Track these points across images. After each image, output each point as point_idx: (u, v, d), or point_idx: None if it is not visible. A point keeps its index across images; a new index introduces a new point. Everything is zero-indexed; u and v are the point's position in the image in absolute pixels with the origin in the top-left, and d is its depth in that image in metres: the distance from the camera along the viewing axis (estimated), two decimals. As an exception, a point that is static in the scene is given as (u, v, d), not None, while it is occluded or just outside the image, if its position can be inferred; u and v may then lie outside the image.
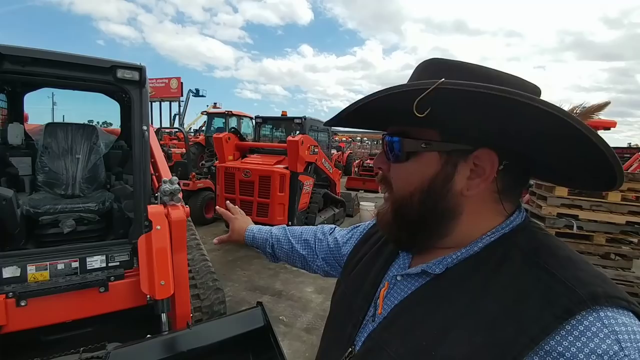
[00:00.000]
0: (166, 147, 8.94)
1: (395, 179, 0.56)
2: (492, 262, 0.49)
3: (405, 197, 0.54)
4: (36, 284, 1.91)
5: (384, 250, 0.69)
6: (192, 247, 3.03)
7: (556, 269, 0.44)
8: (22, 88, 2.94)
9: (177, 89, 27.11)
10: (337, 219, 7.31)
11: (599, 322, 0.39)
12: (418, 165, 0.53)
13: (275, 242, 1.00)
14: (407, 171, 0.54)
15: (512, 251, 0.49)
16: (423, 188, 0.53)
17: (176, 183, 2.26)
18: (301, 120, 6.81)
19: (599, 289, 0.41)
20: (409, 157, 0.53)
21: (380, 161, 0.59)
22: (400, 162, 0.54)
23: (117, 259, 2.14)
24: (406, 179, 0.54)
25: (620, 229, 4.11)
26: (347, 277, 0.74)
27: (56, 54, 1.88)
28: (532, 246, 0.49)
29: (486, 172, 0.51)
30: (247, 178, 5.23)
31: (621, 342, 0.37)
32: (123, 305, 2.09)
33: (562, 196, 4.22)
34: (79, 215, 2.35)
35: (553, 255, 0.47)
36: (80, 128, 2.73)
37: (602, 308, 0.40)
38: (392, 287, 0.61)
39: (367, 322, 0.61)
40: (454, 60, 0.52)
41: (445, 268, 0.53)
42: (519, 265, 0.47)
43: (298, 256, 0.97)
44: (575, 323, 0.39)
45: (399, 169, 0.55)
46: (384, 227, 0.61)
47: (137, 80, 2.07)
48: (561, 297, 0.41)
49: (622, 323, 0.39)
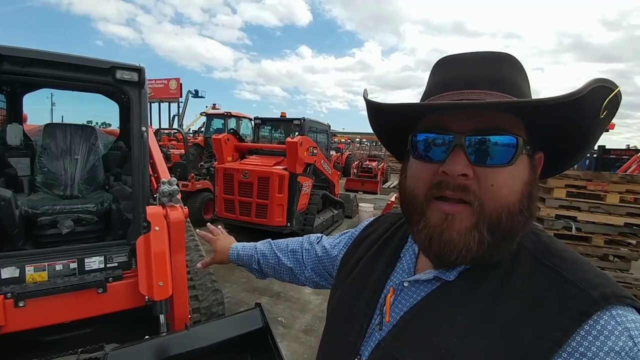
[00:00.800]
0: (165, 148, 8.94)
1: (498, 187, 0.47)
2: (504, 265, 0.50)
3: (510, 207, 0.47)
4: (34, 285, 1.91)
5: (383, 254, 0.67)
6: (191, 248, 3.04)
7: (566, 271, 0.46)
8: (21, 88, 2.93)
9: (177, 90, 27.13)
10: (335, 220, 7.31)
11: (613, 321, 0.41)
12: (519, 169, 0.48)
13: (261, 257, 0.97)
14: (512, 176, 0.47)
15: (521, 253, 0.50)
16: (525, 194, 0.48)
17: (175, 184, 2.26)
18: (300, 121, 6.81)
19: (608, 290, 0.43)
20: (516, 160, 0.47)
21: (464, 165, 0.47)
22: (503, 165, 0.47)
23: (116, 260, 2.14)
24: (512, 185, 0.47)
25: (618, 230, 4.12)
26: (343, 282, 0.71)
27: (55, 54, 1.88)
28: (540, 248, 0.50)
29: (537, 173, 0.52)
30: (245, 179, 5.23)
31: (634, 338, 0.39)
32: (121, 306, 2.08)
33: (560, 197, 4.23)
34: (78, 216, 2.35)
35: (560, 257, 0.48)
36: (79, 129, 2.73)
37: (613, 307, 0.42)
38: (399, 294, 0.58)
39: (373, 331, 0.58)
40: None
41: (458, 273, 0.52)
42: (530, 268, 0.48)
43: (285, 269, 0.94)
44: (593, 323, 0.41)
45: (503, 173, 0.47)
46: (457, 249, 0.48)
47: (136, 81, 2.07)
48: (576, 299, 0.43)
49: (631, 320, 0.41)
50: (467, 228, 0.48)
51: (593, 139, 0.50)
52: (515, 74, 0.51)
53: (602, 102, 0.43)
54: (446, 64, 0.54)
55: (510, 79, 0.50)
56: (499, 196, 0.47)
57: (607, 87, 0.42)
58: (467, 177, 0.47)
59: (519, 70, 0.52)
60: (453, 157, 0.48)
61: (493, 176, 0.47)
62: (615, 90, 0.42)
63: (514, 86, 0.49)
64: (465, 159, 0.47)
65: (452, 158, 0.48)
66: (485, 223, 0.47)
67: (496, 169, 0.47)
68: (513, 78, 0.50)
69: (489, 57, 0.51)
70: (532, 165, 0.50)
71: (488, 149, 0.47)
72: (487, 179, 0.47)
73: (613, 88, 0.42)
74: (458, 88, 0.50)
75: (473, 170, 0.47)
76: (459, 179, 0.47)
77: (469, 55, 0.52)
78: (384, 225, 0.74)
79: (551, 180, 4.24)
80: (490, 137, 0.47)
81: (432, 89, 0.54)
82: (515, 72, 0.51)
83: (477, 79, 0.50)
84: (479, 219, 0.47)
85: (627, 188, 4.12)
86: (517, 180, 0.48)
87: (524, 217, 0.48)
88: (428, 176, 0.51)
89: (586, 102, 0.42)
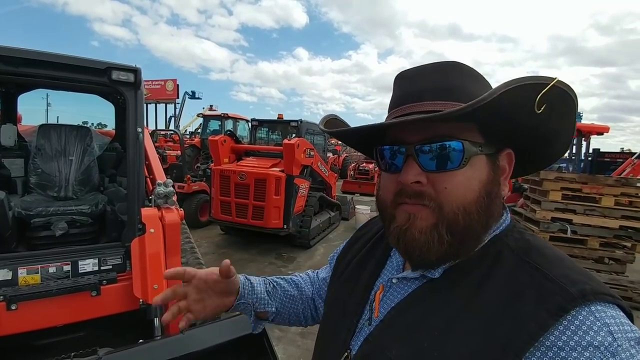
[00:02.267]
0: (161, 149, 8.90)
1: (452, 189, 0.50)
2: (487, 263, 0.51)
3: (467, 207, 0.50)
4: (27, 288, 1.88)
5: (374, 252, 0.70)
6: (187, 250, 3.01)
7: (547, 267, 0.47)
8: (15, 89, 2.91)
9: (173, 91, 27.10)
10: (332, 222, 7.31)
11: (592, 316, 0.41)
12: (474, 170, 0.51)
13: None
14: (466, 178, 0.51)
15: (504, 251, 0.51)
16: (483, 194, 0.51)
17: (170, 186, 2.25)
18: (297, 123, 6.82)
19: (587, 287, 0.43)
20: (467, 162, 0.50)
21: (416, 174, 0.51)
22: (455, 169, 0.50)
23: (110, 262, 2.12)
24: (468, 187, 0.50)
25: (613, 233, 4.14)
26: (337, 281, 0.74)
27: (50, 55, 1.86)
28: (522, 246, 0.51)
29: (506, 171, 0.56)
30: (242, 181, 5.21)
31: (613, 334, 0.40)
32: (115, 309, 2.06)
33: (556, 200, 4.25)
34: (72, 218, 2.33)
35: (542, 255, 0.49)
36: (74, 129, 2.71)
37: (592, 303, 0.42)
38: (388, 290, 0.60)
39: (363, 326, 0.60)
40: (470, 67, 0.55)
41: (443, 271, 0.54)
42: (511, 265, 0.49)
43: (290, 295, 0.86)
44: (571, 319, 0.42)
45: (455, 177, 0.50)
46: (419, 247, 0.52)
47: (132, 82, 2.06)
48: (554, 295, 0.43)
49: (611, 316, 0.42)
50: (427, 227, 0.51)
51: (550, 132, 0.52)
52: (464, 79, 0.53)
53: (534, 98, 0.44)
54: (401, 79, 0.58)
55: (457, 86, 0.52)
56: (454, 198, 0.50)
57: (534, 84, 0.43)
58: (422, 183, 0.51)
59: (468, 75, 0.54)
60: (406, 167, 0.52)
61: (446, 180, 0.50)
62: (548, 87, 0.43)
63: (463, 92, 0.52)
64: (417, 168, 0.51)
65: (405, 168, 0.52)
66: (444, 223, 0.50)
67: (448, 173, 0.50)
68: (461, 84, 0.53)
69: (435, 69, 0.54)
70: (493, 164, 0.53)
71: (436, 155, 0.50)
72: (441, 182, 0.51)
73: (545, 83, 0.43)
74: (407, 102, 0.54)
75: (427, 177, 0.51)
76: (413, 186, 0.51)
77: (416, 69, 0.56)
78: (377, 226, 0.76)
79: (547, 183, 4.26)
80: (435, 144, 0.50)
81: (391, 103, 0.59)
82: (463, 78, 0.53)
83: (423, 92, 0.53)
84: (438, 220, 0.50)
85: (622, 191, 4.15)
86: (473, 181, 0.51)
87: (484, 216, 0.51)
88: (392, 186, 0.55)
89: (502, 105, 0.44)
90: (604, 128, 7.97)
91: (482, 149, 0.51)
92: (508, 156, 0.56)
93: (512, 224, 0.56)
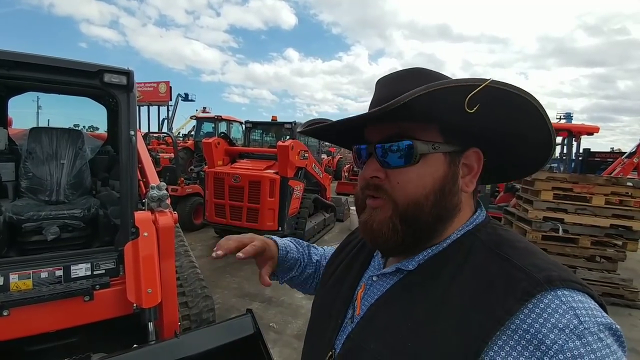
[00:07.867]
0: (154, 152, 8.82)
1: (404, 184, 0.55)
2: (459, 256, 0.53)
3: (418, 200, 0.54)
4: (19, 293, 1.86)
5: (360, 256, 0.72)
6: (181, 254, 2.98)
7: (516, 258, 0.49)
8: (6, 92, 2.87)
9: (166, 93, 26.90)
10: (327, 223, 7.31)
11: (557, 300, 0.43)
12: (427, 167, 0.54)
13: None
14: (418, 174, 0.54)
15: (476, 245, 0.54)
16: (436, 189, 0.54)
17: (164, 189, 2.23)
18: (291, 125, 6.82)
19: (554, 273, 0.45)
20: (419, 160, 0.54)
21: (374, 170, 0.57)
22: (408, 166, 0.55)
23: (103, 266, 2.09)
24: (418, 182, 0.54)
25: (604, 231, 4.20)
26: (325, 284, 0.76)
27: (41, 57, 1.84)
28: (494, 240, 0.54)
29: (474, 169, 0.58)
30: (236, 183, 5.20)
31: (580, 317, 0.41)
32: (109, 314, 2.04)
33: (547, 200, 4.30)
34: (64, 222, 2.30)
35: (513, 247, 0.51)
36: (66, 133, 2.68)
37: (559, 288, 0.44)
38: (369, 288, 0.63)
39: (346, 325, 0.62)
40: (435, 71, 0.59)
41: (417, 264, 0.57)
42: (483, 257, 0.51)
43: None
44: (536, 302, 0.43)
45: (407, 173, 0.55)
46: (379, 236, 0.57)
47: (125, 84, 2.04)
48: (521, 281, 0.45)
49: (578, 300, 0.43)
50: (384, 219, 0.56)
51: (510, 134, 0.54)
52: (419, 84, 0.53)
53: (463, 99, 0.46)
54: (376, 85, 0.63)
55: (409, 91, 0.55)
56: (405, 192, 0.55)
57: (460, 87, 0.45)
58: (380, 178, 0.57)
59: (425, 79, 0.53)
60: (368, 163, 0.59)
61: (399, 175, 0.55)
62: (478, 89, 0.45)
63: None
64: (376, 164, 0.57)
65: (367, 164, 0.59)
66: (398, 215, 0.55)
67: (401, 169, 0.55)
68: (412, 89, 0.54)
69: (397, 76, 0.59)
70: (452, 161, 0.56)
71: (390, 153, 0.56)
72: (395, 178, 0.56)
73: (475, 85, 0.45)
74: (372, 107, 0.57)
75: (385, 173, 0.57)
76: (372, 180, 0.58)
77: (386, 76, 0.61)
78: None
79: (538, 182, 4.31)
80: (389, 144, 0.56)
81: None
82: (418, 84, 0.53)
83: (382, 99, 0.55)
84: (393, 211, 0.55)
85: (612, 190, 4.21)
86: (425, 177, 0.54)
87: (436, 209, 0.54)
88: (360, 181, 0.62)
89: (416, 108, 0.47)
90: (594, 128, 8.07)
91: (437, 147, 0.54)
92: (475, 154, 0.58)
93: (487, 220, 0.59)
